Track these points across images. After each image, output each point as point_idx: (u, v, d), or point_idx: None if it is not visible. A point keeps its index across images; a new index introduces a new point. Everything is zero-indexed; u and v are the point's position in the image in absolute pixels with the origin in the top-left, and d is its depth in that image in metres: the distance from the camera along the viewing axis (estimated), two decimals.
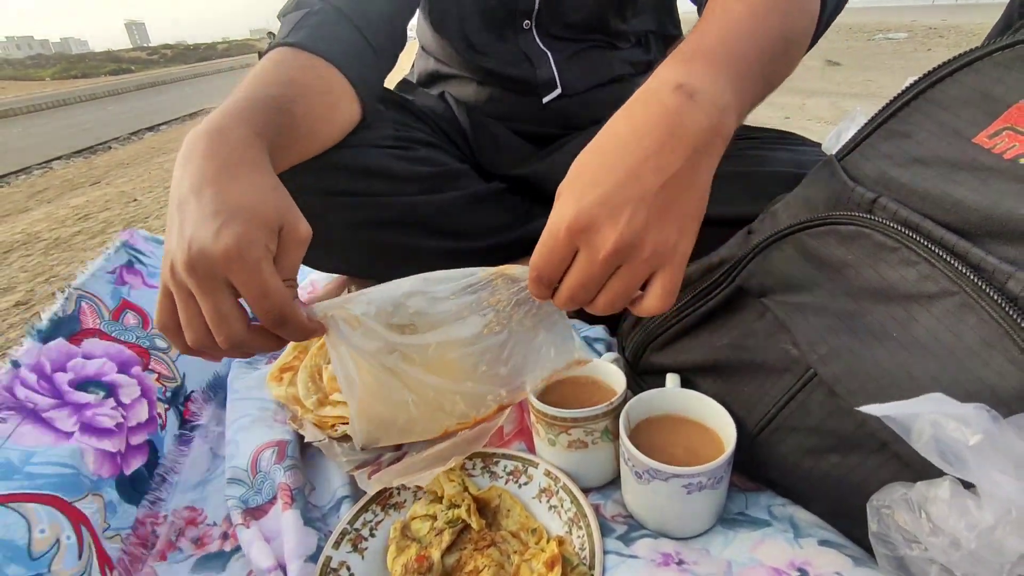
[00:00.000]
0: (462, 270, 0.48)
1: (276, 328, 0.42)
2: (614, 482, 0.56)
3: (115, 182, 4.07)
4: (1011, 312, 0.35)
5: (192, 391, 0.71)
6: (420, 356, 0.48)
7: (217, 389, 0.72)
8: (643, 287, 0.42)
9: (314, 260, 0.79)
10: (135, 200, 3.36)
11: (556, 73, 0.85)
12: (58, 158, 5.48)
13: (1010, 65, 0.41)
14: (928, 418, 0.32)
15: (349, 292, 0.81)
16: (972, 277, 0.37)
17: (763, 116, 4.33)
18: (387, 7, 0.71)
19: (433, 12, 0.88)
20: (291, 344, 0.71)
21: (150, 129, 7.04)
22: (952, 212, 0.39)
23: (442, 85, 0.94)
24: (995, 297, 0.36)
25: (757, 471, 0.54)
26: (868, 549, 0.44)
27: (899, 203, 0.41)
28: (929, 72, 0.44)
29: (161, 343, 0.69)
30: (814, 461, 0.45)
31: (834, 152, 0.50)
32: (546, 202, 0.85)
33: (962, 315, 0.37)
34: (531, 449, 0.60)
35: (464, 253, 0.78)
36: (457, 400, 0.52)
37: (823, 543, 0.44)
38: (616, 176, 0.39)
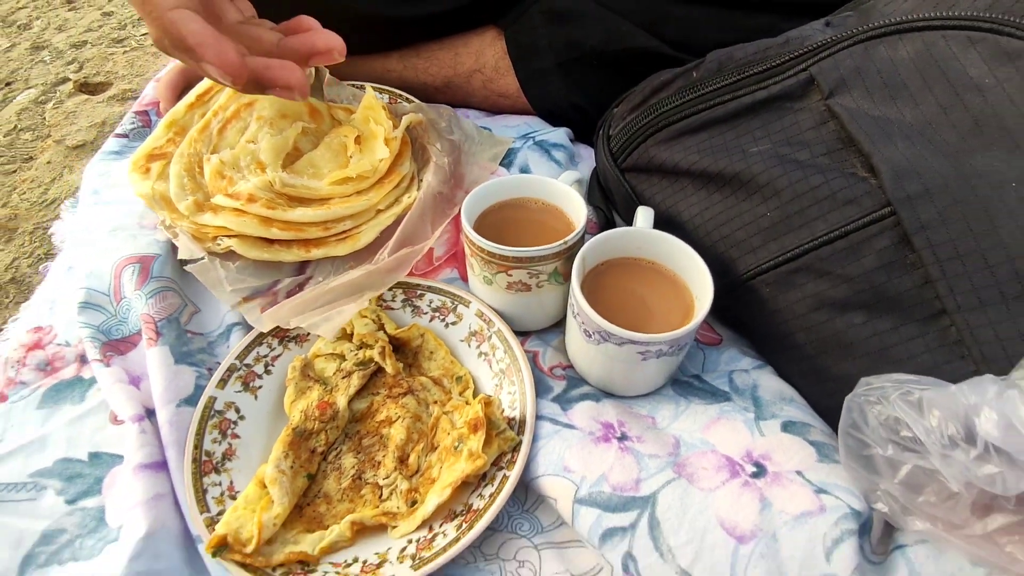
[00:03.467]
0: None
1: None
2: (558, 325, 0.48)
3: None
4: None
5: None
6: None
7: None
8: None
9: None
10: None
11: None
12: None
13: None
14: None
15: None
16: None
17: None
18: None
19: None
20: (163, 122, 0.54)
21: None
22: None
23: None
24: None
25: (736, 315, 0.46)
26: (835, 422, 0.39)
27: None
28: None
29: None
30: (828, 316, 0.37)
31: None
32: None
33: None
34: (464, 278, 0.50)
35: (402, 22, 0.59)
36: None
37: (787, 427, 0.38)
38: None
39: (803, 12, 0.51)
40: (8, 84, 1.61)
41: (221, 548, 0.36)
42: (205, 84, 0.56)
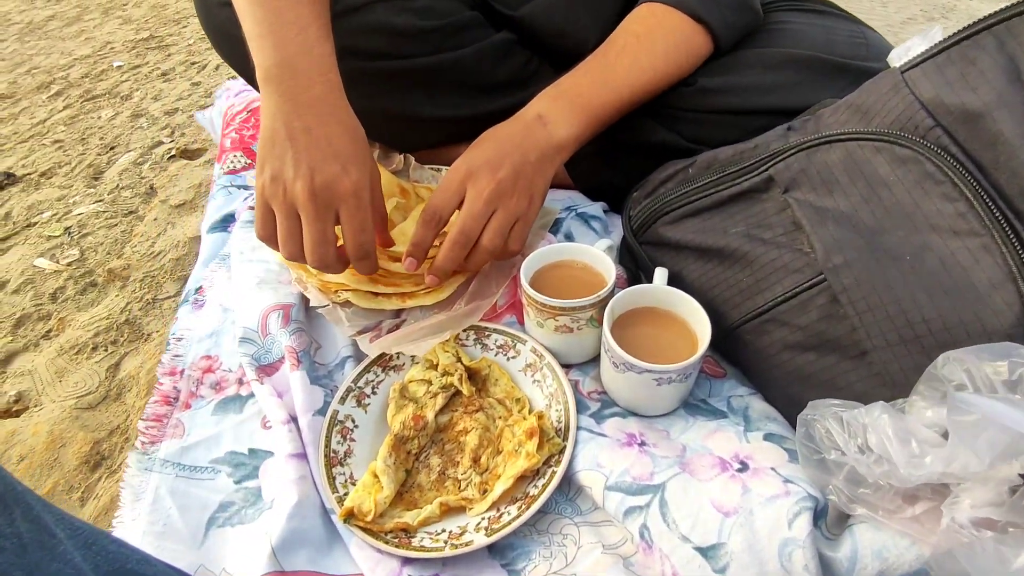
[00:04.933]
0: None
1: (359, 259, 0.54)
2: (594, 360, 0.61)
3: None
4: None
5: (200, 284, 0.73)
6: None
7: (225, 258, 0.74)
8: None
9: None
10: None
11: None
12: None
13: None
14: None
15: None
16: (1003, 224, 0.39)
17: None
18: None
19: None
20: None
21: None
22: (995, 148, 0.40)
23: None
24: (1015, 244, 0.39)
25: (732, 356, 0.59)
26: None
27: (951, 138, 0.42)
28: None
29: None
30: (791, 355, 0.50)
31: (899, 65, 0.48)
32: (553, 57, 0.80)
33: (980, 256, 0.40)
34: (521, 322, 0.64)
35: (469, 119, 0.75)
36: None
37: (767, 437, 0.50)
38: (494, 154, 0.59)
39: (784, 115, 0.64)
40: (112, 148, 1.82)
41: (349, 517, 0.50)
42: None
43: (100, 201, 1.51)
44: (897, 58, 0.50)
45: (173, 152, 1.77)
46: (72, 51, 2.37)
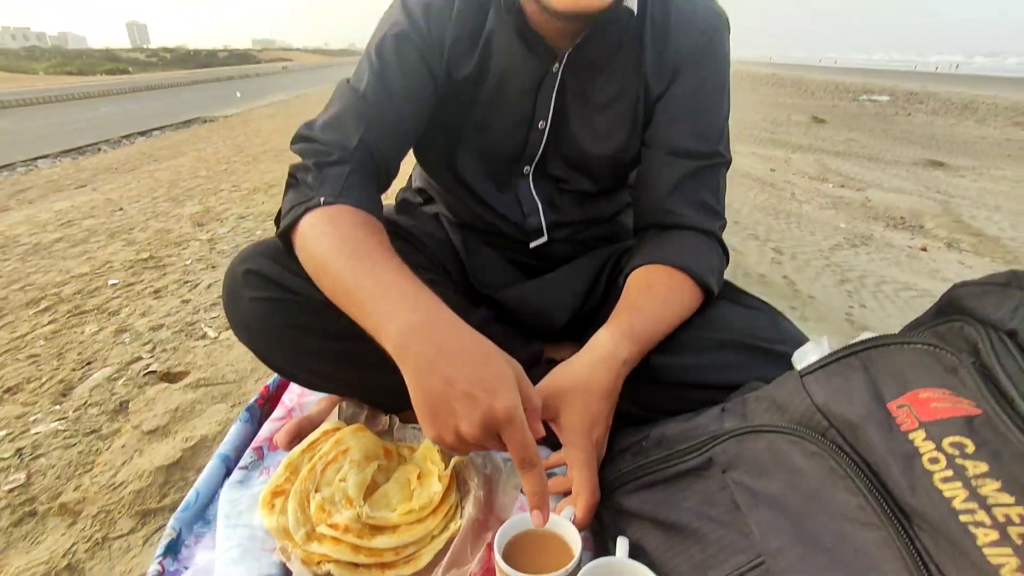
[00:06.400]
0: None
1: (527, 469, 0.59)
2: None
3: (102, 188, 3.98)
4: (921, 558, 0.44)
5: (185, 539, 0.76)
6: None
7: (207, 521, 0.77)
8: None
9: (308, 381, 0.86)
10: (121, 209, 3.31)
11: (544, 222, 0.93)
12: (45, 156, 5.42)
13: (918, 356, 0.51)
14: None
15: (340, 409, 0.87)
16: (895, 520, 0.45)
17: (749, 165, 4.44)
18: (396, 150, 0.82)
19: (429, 151, 0.95)
20: (283, 464, 0.77)
21: (142, 134, 6.98)
22: (872, 454, 0.48)
23: (436, 205, 1.03)
24: (907, 539, 0.45)
25: None
26: None
27: (843, 439, 0.51)
28: (891, 334, 0.55)
29: None
30: None
31: (799, 369, 0.59)
32: (527, 331, 0.92)
33: (882, 549, 0.46)
34: None
35: None
36: None
37: None
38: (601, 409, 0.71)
39: (722, 389, 0.75)
40: (88, 363, 1.64)
41: None
42: (316, 434, 0.81)
43: (64, 419, 1.37)
44: (798, 360, 0.62)
45: (154, 371, 1.62)
46: (70, 269, 2.37)
